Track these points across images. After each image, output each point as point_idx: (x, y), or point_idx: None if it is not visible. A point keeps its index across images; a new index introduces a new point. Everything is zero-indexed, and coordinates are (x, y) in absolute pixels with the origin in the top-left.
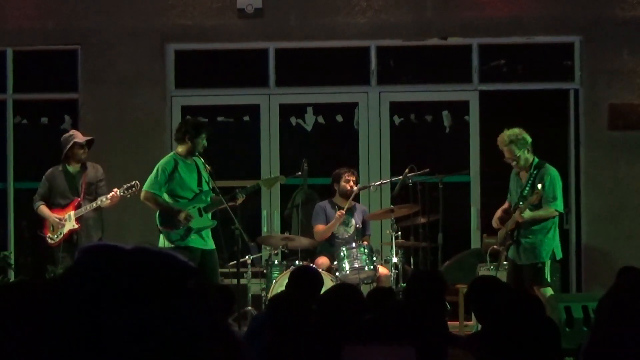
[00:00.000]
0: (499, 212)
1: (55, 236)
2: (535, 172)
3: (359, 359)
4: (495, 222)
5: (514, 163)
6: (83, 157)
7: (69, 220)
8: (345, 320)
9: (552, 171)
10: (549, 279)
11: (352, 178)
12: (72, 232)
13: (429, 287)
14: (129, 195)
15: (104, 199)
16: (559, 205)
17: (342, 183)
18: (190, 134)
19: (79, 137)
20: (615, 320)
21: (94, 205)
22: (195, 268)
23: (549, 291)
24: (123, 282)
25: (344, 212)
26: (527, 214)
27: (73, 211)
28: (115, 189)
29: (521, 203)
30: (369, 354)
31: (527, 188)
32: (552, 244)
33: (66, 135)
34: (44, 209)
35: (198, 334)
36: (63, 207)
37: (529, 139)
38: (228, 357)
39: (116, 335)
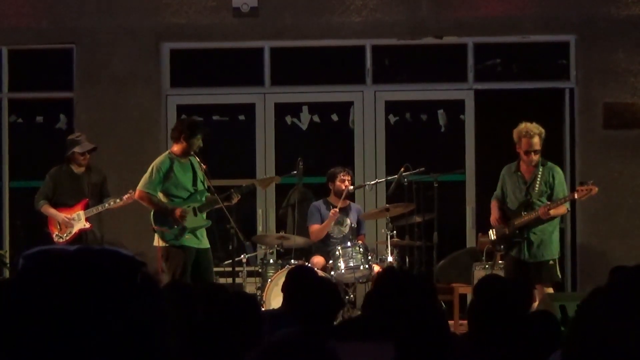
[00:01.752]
0: (497, 212)
1: (65, 235)
2: (541, 168)
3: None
4: (497, 221)
5: (532, 156)
6: (83, 164)
7: (79, 220)
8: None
9: (559, 169)
10: (559, 276)
11: (347, 177)
12: (82, 231)
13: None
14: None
15: (117, 200)
16: (567, 203)
17: (337, 182)
18: (186, 134)
19: (80, 147)
20: (600, 322)
21: (106, 206)
22: (142, 262)
23: (551, 290)
24: (68, 285)
25: (337, 210)
26: (552, 212)
27: (82, 211)
28: (131, 192)
29: (534, 200)
30: (348, 350)
31: (537, 185)
32: (558, 241)
33: (70, 138)
34: (49, 208)
35: (149, 327)
36: (71, 206)
37: (544, 136)
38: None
39: (65, 337)
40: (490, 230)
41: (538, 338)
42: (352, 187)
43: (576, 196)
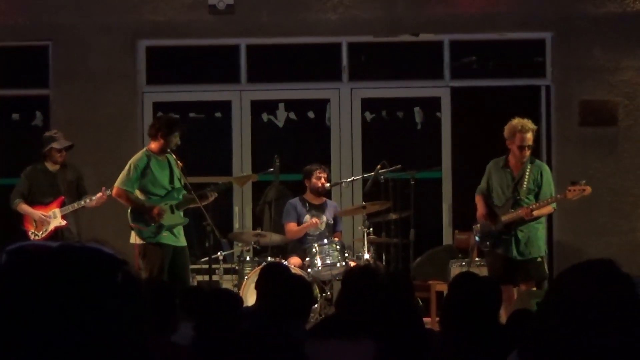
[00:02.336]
0: (484, 207)
1: (41, 232)
2: (530, 166)
3: (320, 354)
4: (484, 217)
5: (526, 151)
6: (59, 161)
7: (55, 217)
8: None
9: (547, 167)
10: (547, 273)
11: (324, 175)
12: (57, 229)
13: (364, 282)
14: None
15: (89, 199)
16: (554, 202)
17: (313, 180)
18: (163, 131)
19: (58, 143)
20: (544, 321)
21: (81, 203)
22: (123, 260)
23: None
24: (49, 281)
25: (319, 221)
26: (535, 212)
27: (58, 208)
28: (103, 189)
29: (521, 198)
30: (328, 349)
31: (526, 182)
32: (544, 239)
33: (47, 134)
34: (25, 206)
35: (128, 325)
36: (46, 204)
37: None
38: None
39: (45, 332)
40: (475, 226)
41: (515, 337)
42: (328, 185)
43: (568, 196)
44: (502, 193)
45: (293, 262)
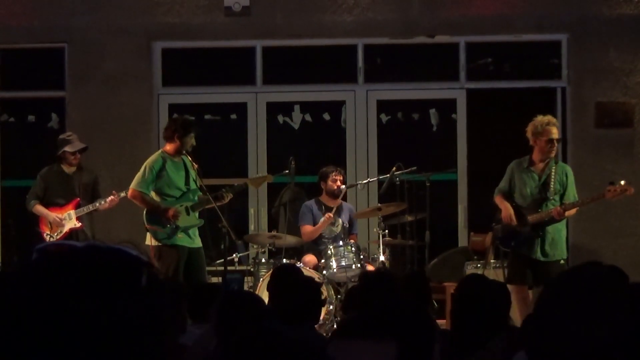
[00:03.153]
0: (509, 207)
1: (56, 234)
2: (554, 166)
3: (342, 354)
4: (510, 217)
5: (555, 144)
6: (74, 163)
7: (70, 219)
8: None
9: (569, 169)
10: None
11: (339, 177)
12: (72, 231)
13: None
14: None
15: (103, 202)
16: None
17: (329, 182)
18: (179, 133)
19: (71, 146)
20: (551, 321)
21: (97, 205)
22: (148, 262)
23: None
24: (76, 280)
25: (332, 214)
26: (568, 211)
27: (73, 210)
28: (114, 192)
29: (551, 198)
30: (350, 349)
31: (552, 183)
32: (565, 241)
33: (61, 137)
34: (40, 208)
35: (150, 330)
36: (61, 206)
37: None
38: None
39: (69, 333)
40: (495, 226)
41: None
42: (344, 187)
43: (607, 196)
44: (529, 194)
45: (308, 260)
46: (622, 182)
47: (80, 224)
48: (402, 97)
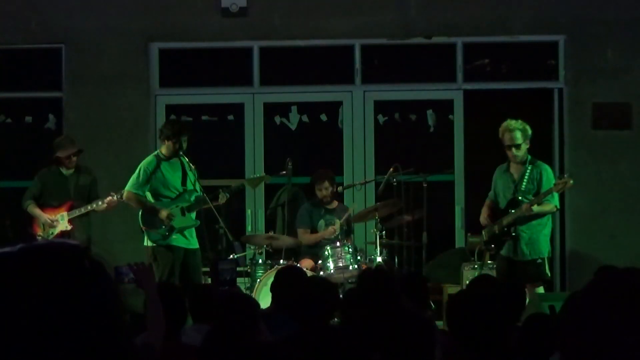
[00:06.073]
0: (487, 210)
1: (46, 235)
2: (530, 167)
3: None
4: (486, 220)
5: (514, 151)
6: (70, 166)
7: (62, 221)
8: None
9: (548, 167)
10: (549, 274)
11: (327, 187)
12: (64, 233)
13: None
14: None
15: (100, 203)
16: (557, 201)
17: (317, 191)
18: (171, 135)
19: (62, 151)
20: (586, 323)
21: (89, 208)
22: (86, 248)
23: (542, 290)
24: (17, 283)
25: (336, 228)
26: (536, 208)
27: (66, 212)
28: (112, 194)
29: (520, 197)
30: None
31: (525, 183)
32: (548, 240)
33: (59, 140)
34: (34, 208)
35: (104, 305)
36: (55, 207)
37: (530, 133)
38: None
39: (26, 329)
40: (483, 230)
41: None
42: (341, 188)
43: (554, 190)
44: (504, 196)
45: (305, 265)
46: (565, 175)
47: (71, 226)
48: (399, 97)
